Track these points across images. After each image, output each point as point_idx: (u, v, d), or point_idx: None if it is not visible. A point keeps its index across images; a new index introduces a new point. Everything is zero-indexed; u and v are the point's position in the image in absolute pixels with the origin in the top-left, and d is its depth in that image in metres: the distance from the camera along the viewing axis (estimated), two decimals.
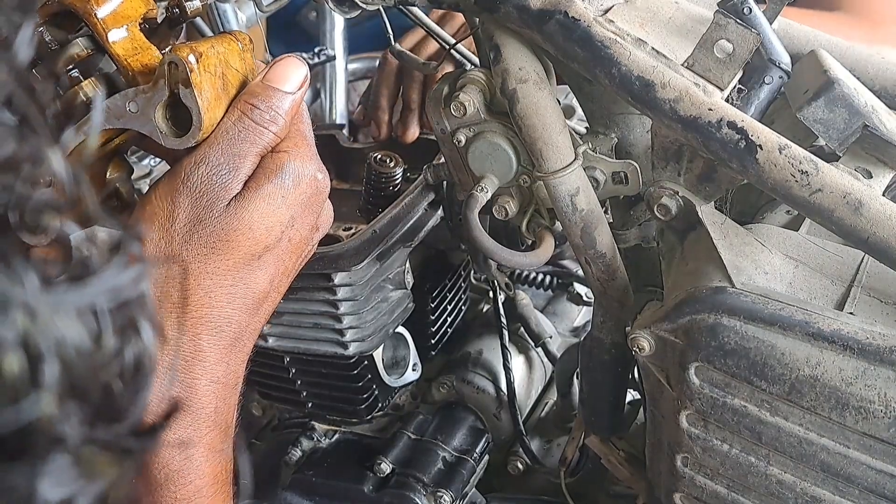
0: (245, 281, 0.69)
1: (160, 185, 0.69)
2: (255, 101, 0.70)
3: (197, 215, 0.67)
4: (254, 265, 0.69)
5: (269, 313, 0.73)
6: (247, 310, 0.69)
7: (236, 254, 0.68)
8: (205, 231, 0.67)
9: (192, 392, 0.67)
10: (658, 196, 0.81)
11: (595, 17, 0.77)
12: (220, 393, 0.69)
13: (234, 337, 0.69)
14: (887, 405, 0.67)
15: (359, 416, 1.10)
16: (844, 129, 0.78)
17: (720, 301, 0.72)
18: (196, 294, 0.67)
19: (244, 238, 0.68)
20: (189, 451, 0.67)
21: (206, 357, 0.67)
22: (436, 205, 1.06)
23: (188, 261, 0.67)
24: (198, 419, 0.68)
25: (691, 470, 0.81)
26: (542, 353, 1.25)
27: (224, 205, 0.67)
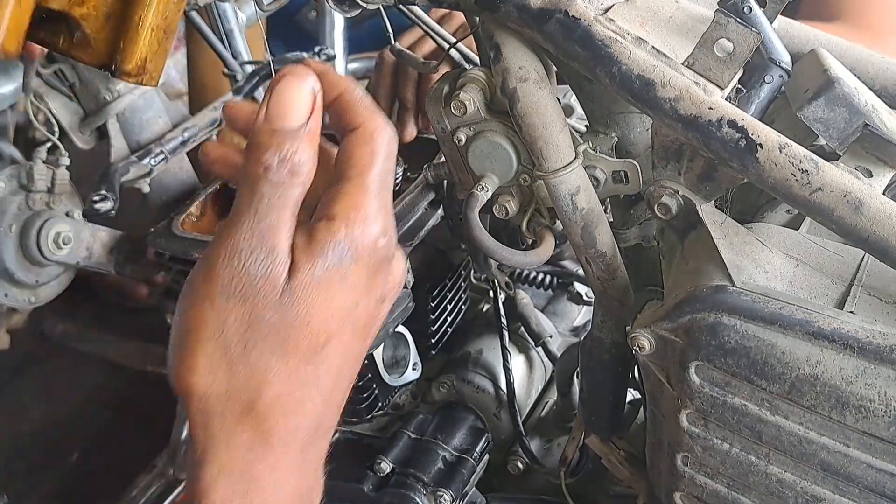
0: (308, 385, 0.60)
1: (198, 287, 0.59)
2: (265, 156, 0.58)
3: (247, 319, 0.57)
4: (317, 362, 0.59)
5: (340, 404, 0.63)
6: (315, 413, 0.60)
7: (296, 355, 0.58)
8: (259, 335, 0.57)
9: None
10: (658, 195, 0.81)
11: (595, 16, 0.77)
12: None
13: (304, 444, 0.61)
14: (888, 404, 0.67)
15: (359, 415, 1.10)
16: (845, 129, 0.78)
17: (720, 300, 0.72)
18: (258, 408, 0.58)
19: (302, 336, 0.58)
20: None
21: (277, 473, 0.59)
22: (436, 204, 1.06)
23: (246, 374, 0.58)
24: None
25: (691, 469, 0.81)
26: (542, 352, 1.25)
27: (276, 297, 0.57)
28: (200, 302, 0.58)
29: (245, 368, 0.58)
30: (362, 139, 0.62)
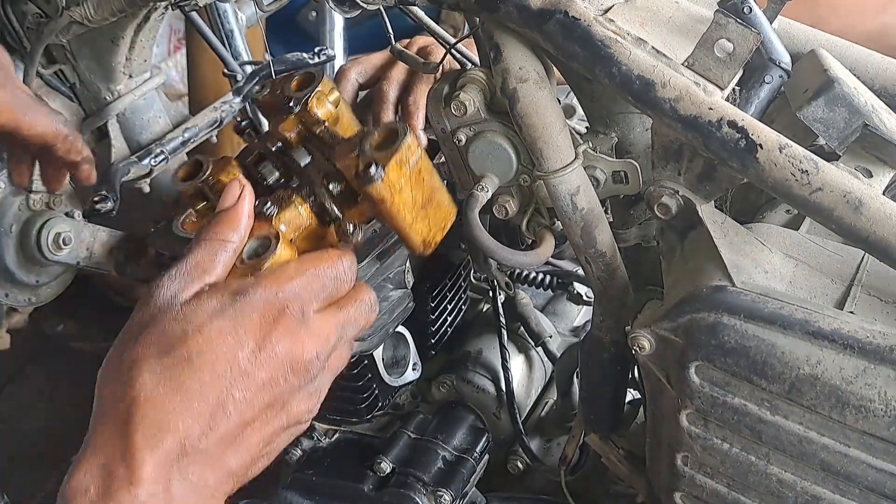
0: (174, 389, 0.67)
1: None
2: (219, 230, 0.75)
3: (146, 321, 0.71)
4: (189, 371, 0.67)
5: (218, 440, 0.67)
6: (182, 424, 0.66)
7: (169, 358, 0.67)
8: (147, 335, 0.69)
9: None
10: (658, 195, 0.81)
11: (595, 16, 0.77)
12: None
13: (176, 450, 0.65)
14: (887, 404, 0.68)
15: (359, 415, 1.10)
16: (844, 129, 0.78)
17: (720, 300, 0.72)
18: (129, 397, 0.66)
19: (178, 345, 0.68)
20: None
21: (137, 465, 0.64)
22: None
23: (127, 364, 0.68)
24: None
25: (691, 469, 0.81)
26: (542, 352, 1.25)
27: (174, 312, 0.70)
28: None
29: (127, 358, 0.68)
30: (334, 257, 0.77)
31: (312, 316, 0.72)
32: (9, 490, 1.50)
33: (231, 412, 0.67)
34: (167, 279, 0.71)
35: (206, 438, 0.66)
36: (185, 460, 0.66)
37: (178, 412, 0.65)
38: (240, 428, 0.68)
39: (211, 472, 0.67)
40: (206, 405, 0.66)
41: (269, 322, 0.69)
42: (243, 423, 0.68)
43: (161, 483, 0.65)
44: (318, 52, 1.32)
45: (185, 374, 0.66)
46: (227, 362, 0.67)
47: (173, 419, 0.65)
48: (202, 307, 0.69)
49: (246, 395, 0.68)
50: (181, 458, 0.66)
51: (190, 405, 0.66)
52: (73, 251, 1.20)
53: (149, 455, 0.64)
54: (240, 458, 0.69)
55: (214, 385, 0.67)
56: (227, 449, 0.68)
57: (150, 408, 0.65)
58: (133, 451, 0.64)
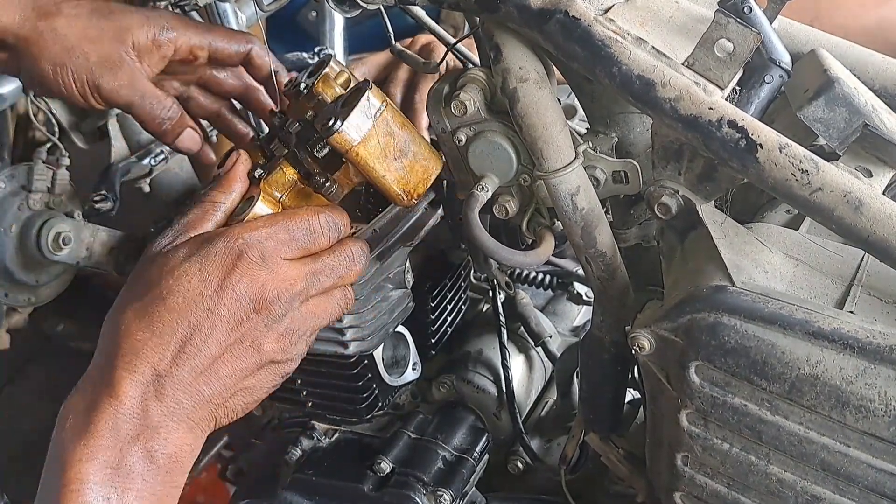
0: (143, 319, 0.76)
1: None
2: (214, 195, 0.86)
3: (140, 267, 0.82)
4: (158, 299, 0.77)
5: (187, 365, 0.76)
6: (151, 353, 0.75)
7: (142, 292, 0.77)
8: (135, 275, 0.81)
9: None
10: (658, 195, 0.81)
11: (595, 16, 0.77)
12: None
13: (151, 375, 0.74)
14: (887, 404, 0.68)
15: (359, 415, 1.10)
16: (845, 129, 0.78)
17: (720, 300, 0.72)
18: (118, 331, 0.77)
19: (148, 282, 0.78)
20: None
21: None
22: (436, 204, 1.06)
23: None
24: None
25: (691, 469, 0.81)
26: (542, 352, 1.25)
27: (156, 255, 0.81)
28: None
29: (119, 302, 0.78)
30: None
31: (278, 261, 0.79)
32: (9, 490, 1.50)
33: (199, 344, 0.75)
34: (160, 236, 0.81)
35: (176, 366, 0.75)
36: (159, 383, 0.74)
37: (151, 343, 0.74)
38: (209, 360, 0.76)
39: (185, 397, 0.75)
40: (176, 337, 0.75)
41: (229, 264, 0.77)
42: (212, 356, 0.76)
43: (139, 402, 0.73)
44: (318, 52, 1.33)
45: (158, 311, 0.75)
46: (193, 300, 0.76)
47: (147, 349, 0.74)
48: (176, 254, 0.78)
49: (212, 331, 0.76)
50: (155, 382, 0.74)
51: (161, 337, 0.75)
52: (73, 251, 1.20)
53: (127, 377, 0.73)
54: (212, 388, 0.76)
55: (183, 320, 0.75)
56: (199, 377, 0.76)
57: (127, 338, 0.75)
58: (114, 374, 0.73)
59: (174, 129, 0.99)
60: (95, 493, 0.70)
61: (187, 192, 1.30)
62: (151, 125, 0.98)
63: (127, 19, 0.96)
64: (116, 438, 0.72)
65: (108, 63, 0.94)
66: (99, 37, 0.94)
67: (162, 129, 0.99)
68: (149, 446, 0.73)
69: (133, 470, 0.72)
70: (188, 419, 0.75)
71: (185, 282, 0.76)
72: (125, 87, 0.95)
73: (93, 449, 0.71)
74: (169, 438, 0.74)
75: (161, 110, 0.97)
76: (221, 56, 1.01)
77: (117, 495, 0.70)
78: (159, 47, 0.97)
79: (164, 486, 0.73)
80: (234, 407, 0.79)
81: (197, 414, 0.76)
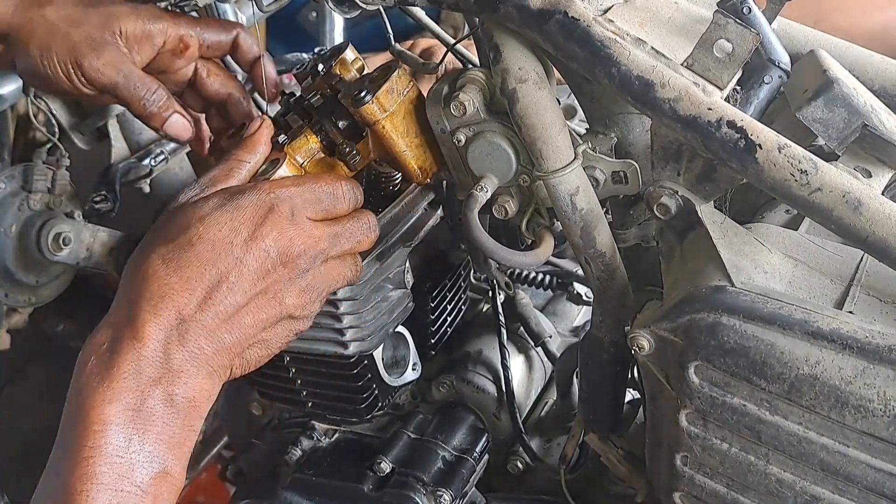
0: (171, 264, 0.77)
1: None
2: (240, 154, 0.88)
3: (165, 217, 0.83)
4: (184, 246, 0.78)
5: (212, 311, 0.76)
6: (178, 294, 0.76)
7: (172, 240, 0.78)
8: (161, 225, 0.81)
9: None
10: (658, 195, 0.81)
11: (595, 16, 0.77)
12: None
13: (175, 318, 0.75)
14: (886, 404, 0.68)
15: (359, 415, 1.10)
16: (844, 129, 0.78)
17: (720, 300, 0.72)
18: (143, 270, 0.77)
19: (177, 230, 0.79)
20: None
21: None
22: (436, 204, 1.06)
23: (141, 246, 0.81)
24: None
25: (691, 469, 0.81)
26: (541, 352, 1.25)
27: (184, 206, 0.82)
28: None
29: (143, 248, 0.79)
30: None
31: (304, 219, 0.81)
32: (9, 490, 1.50)
33: (225, 292, 0.76)
34: (185, 189, 0.83)
35: (201, 312, 0.75)
36: (183, 328, 0.75)
37: (177, 288, 0.75)
38: (234, 308, 0.77)
39: (207, 343, 0.76)
40: (203, 284, 0.76)
41: (260, 216, 0.78)
42: (236, 305, 0.77)
43: (162, 346, 0.74)
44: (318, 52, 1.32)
45: (186, 256, 0.76)
46: (222, 248, 0.77)
47: (173, 294, 0.75)
48: (206, 203, 0.79)
49: (239, 280, 0.77)
50: (179, 326, 0.74)
51: (188, 283, 0.75)
52: (73, 251, 1.20)
53: (151, 319, 0.74)
54: (234, 336, 0.77)
55: (211, 267, 0.76)
56: (222, 325, 0.76)
57: (154, 283, 0.75)
58: (138, 315, 0.74)
59: (160, 113, 0.98)
60: (117, 434, 0.70)
61: None
62: (136, 107, 0.97)
63: (115, 8, 0.96)
64: (138, 381, 0.72)
65: (92, 43, 0.94)
66: (84, 20, 0.95)
67: (147, 112, 0.98)
68: (170, 390, 0.73)
69: (154, 412, 0.72)
70: (208, 365, 0.76)
71: (215, 230, 0.77)
72: (109, 66, 0.94)
73: (115, 391, 0.71)
74: (189, 383, 0.75)
75: (146, 91, 0.96)
76: (211, 44, 1.01)
77: (138, 437, 0.71)
78: (148, 37, 0.97)
79: (182, 430, 0.74)
80: (249, 358, 0.81)
81: (216, 361, 0.77)
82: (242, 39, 1.03)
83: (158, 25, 0.97)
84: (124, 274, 0.78)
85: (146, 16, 0.97)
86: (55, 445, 0.73)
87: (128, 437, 0.71)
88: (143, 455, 0.71)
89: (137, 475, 0.70)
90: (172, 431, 0.73)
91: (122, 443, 0.70)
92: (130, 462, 0.70)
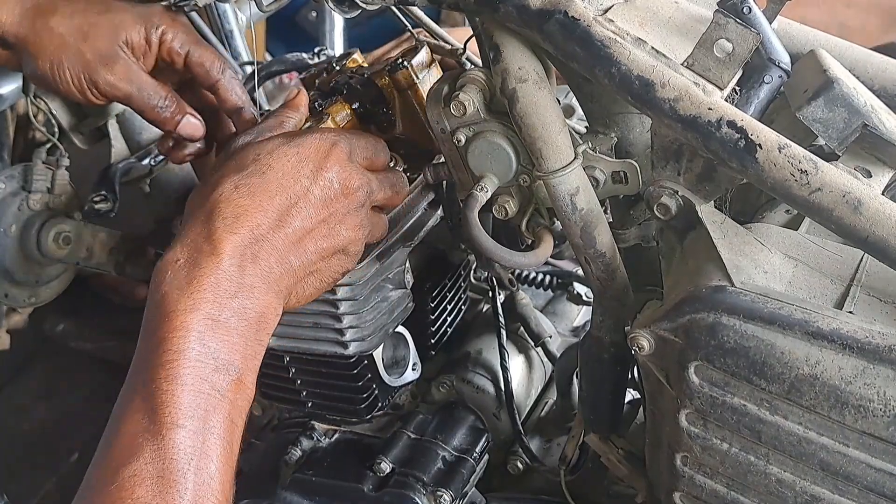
0: (245, 193, 0.82)
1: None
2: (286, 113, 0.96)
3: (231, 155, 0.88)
4: (256, 175, 0.84)
5: (283, 233, 0.82)
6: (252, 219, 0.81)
7: (244, 172, 0.84)
8: (231, 162, 0.86)
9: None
10: (658, 195, 0.81)
11: (595, 16, 0.77)
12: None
13: (250, 237, 0.80)
14: (886, 404, 0.68)
15: (359, 415, 1.10)
16: (844, 129, 0.78)
17: (720, 300, 0.72)
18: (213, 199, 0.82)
19: (247, 162, 0.84)
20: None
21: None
22: (436, 204, 1.06)
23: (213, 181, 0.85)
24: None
25: (691, 469, 0.81)
26: (541, 352, 1.25)
27: (252, 147, 0.87)
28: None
29: (210, 181, 0.84)
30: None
31: (357, 161, 0.88)
32: (9, 490, 1.50)
33: (294, 216, 0.82)
34: (241, 135, 0.90)
35: (273, 234, 0.81)
36: (256, 247, 0.80)
37: (251, 209, 0.80)
38: (301, 232, 0.83)
39: (276, 263, 0.81)
40: (274, 207, 0.81)
41: (324, 151, 0.85)
42: (304, 230, 0.83)
43: (237, 262, 0.78)
44: (318, 52, 1.33)
45: (257, 183, 0.82)
46: (291, 177, 0.83)
47: (247, 214, 0.80)
48: (272, 140, 0.86)
49: (306, 206, 0.83)
50: (253, 245, 0.79)
51: (261, 205, 0.81)
52: (73, 251, 1.20)
53: (228, 237, 0.78)
54: (299, 260, 0.83)
55: (281, 194, 0.82)
56: (290, 247, 0.82)
57: (228, 206, 0.80)
58: (215, 233, 0.78)
59: (173, 117, 1.01)
60: (198, 340, 0.74)
61: (187, 192, 1.30)
62: (151, 114, 1.00)
63: (120, 16, 0.98)
64: (217, 293, 0.76)
65: (104, 59, 0.97)
66: (93, 33, 0.96)
67: (161, 117, 1.01)
68: (244, 304, 0.78)
69: (229, 324, 0.76)
70: (276, 285, 0.81)
71: (284, 160, 0.83)
72: (122, 80, 0.97)
73: (196, 301, 0.75)
74: (260, 299, 0.79)
75: (158, 99, 0.99)
76: (194, 69, 1.03)
77: (216, 345, 0.75)
78: (150, 45, 0.99)
79: (253, 344, 0.78)
80: (305, 288, 0.86)
81: (282, 282, 0.81)
82: (224, 87, 1.04)
83: (160, 34, 1.00)
84: (191, 201, 0.84)
85: (150, 23, 0.99)
86: (135, 355, 0.76)
87: (207, 344, 0.74)
88: (221, 362, 0.75)
89: (217, 380, 0.74)
90: (246, 343, 0.77)
91: (202, 349, 0.74)
92: (210, 367, 0.74)
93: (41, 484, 1.65)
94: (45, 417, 1.76)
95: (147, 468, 0.69)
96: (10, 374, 1.80)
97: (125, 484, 0.68)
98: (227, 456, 0.74)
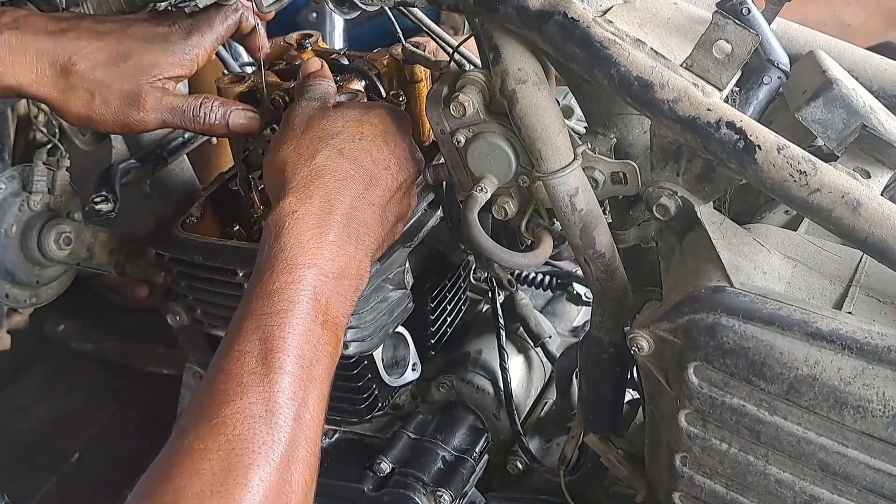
0: (339, 167, 0.89)
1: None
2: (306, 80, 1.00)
3: (306, 123, 0.93)
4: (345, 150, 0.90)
5: (371, 201, 0.88)
6: (348, 191, 0.87)
7: (331, 143, 0.90)
8: (311, 131, 0.91)
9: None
10: (657, 196, 0.81)
11: (594, 17, 0.78)
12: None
13: (355, 194, 0.87)
14: (885, 404, 0.68)
15: (359, 415, 1.10)
16: (843, 130, 0.78)
17: (719, 301, 0.72)
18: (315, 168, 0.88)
19: (327, 135, 0.90)
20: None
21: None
22: (436, 205, 1.07)
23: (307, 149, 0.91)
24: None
25: (690, 469, 0.81)
26: (541, 352, 1.25)
27: (318, 116, 0.93)
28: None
29: (304, 145, 0.89)
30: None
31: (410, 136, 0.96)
32: (9, 490, 1.50)
33: (381, 181, 0.89)
34: (301, 100, 0.94)
35: (370, 197, 0.88)
36: (359, 210, 0.86)
37: (352, 172, 0.87)
38: (387, 196, 0.90)
39: (371, 226, 0.87)
40: (370, 174, 0.88)
41: (395, 122, 0.93)
42: (388, 195, 0.90)
43: (346, 222, 0.85)
44: None
45: (355, 149, 0.88)
46: (378, 146, 0.90)
47: (353, 178, 0.87)
48: (351, 109, 0.93)
49: (389, 173, 0.90)
50: (356, 209, 0.86)
51: (361, 167, 0.88)
52: (74, 252, 1.20)
53: (340, 199, 0.85)
54: (383, 224, 0.90)
55: (375, 161, 0.89)
56: (380, 211, 0.89)
57: (338, 168, 0.87)
58: (330, 193, 0.85)
59: (220, 122, 1.00)
60: (310, 295, 0.80)
61: (187, 192, 1.30)
62: (195, 127, 0.99)
63: (144, 60, 0.97)
64: (331, 251, 0.83)
65: (129, 100, 0.96)
66: (116, 81, 0.96)
67: (208, 126, 0.99)
68: (349, 263, 0.84)
69: (337, 281, 0.82)
70: (370, 246, 0.87)
71: (370, 127, 0.90)
72: (153, 111, 0.96)
73: (314, 257, 0.81)
74: (361, 261, 0.86)
75: (194, 110, 0.98)
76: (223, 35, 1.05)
77: (325, 300, 0.81)
78: (183, 72, 0.99)
79: (350, 302, 0.85)
80: (379, 252, 0.92)
81: (373, 244, 0.88)
82: (243, 17, 1.07)
83: (192, 56, 0.99)
84: (285, 153, 0.88)
85: (173, 58, 0.98)
86: (247, 296, 0.81)
87: (318, 299, 0.80)
88: (328, 317, 0.81)
89: (323, 333, 0.80)
90: (347, 301, 0.84)
91: (314, 302, 0.80)
92: (320, 321, 0.80)
93: (41, 484, 1.65)
94: (45, 417, 1.76)
95: (251, 408, 0.73)
96: (11, 374, 1.80)
97: (227, 420, 0.72)
98: (321, 407, 0.78)
